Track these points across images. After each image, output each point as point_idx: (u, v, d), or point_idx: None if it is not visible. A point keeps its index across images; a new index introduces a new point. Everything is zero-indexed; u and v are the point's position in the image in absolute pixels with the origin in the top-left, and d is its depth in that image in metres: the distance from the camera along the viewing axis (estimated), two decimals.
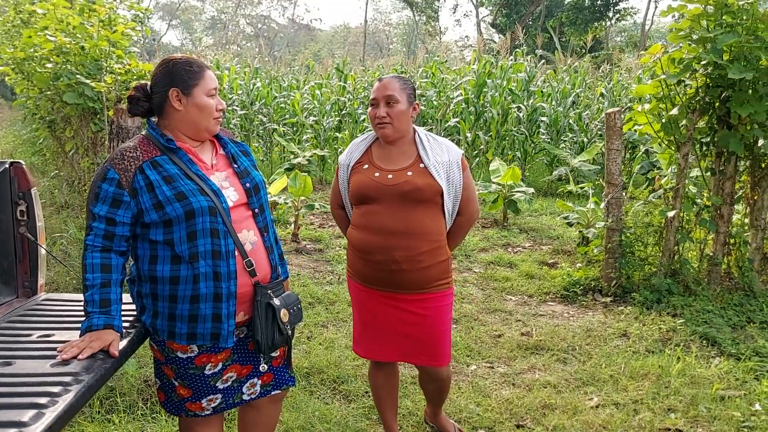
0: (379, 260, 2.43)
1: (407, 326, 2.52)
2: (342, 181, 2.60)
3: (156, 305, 1.95)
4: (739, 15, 4.29)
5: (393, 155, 2.50)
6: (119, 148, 1.94)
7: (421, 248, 2.41)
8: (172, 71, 1.96)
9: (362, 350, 2.66)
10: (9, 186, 2.39)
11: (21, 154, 10.94)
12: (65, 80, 5.24)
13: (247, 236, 2.02)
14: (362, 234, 2.48)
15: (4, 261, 2.44)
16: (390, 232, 2.40)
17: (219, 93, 2.07)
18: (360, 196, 2.48)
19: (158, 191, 1.88)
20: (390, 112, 2.43)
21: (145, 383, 3.27)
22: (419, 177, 2.41)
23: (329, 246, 6.48)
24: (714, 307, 4.42)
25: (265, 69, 13.20)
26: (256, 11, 55.06)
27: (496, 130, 10.37)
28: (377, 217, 2.43)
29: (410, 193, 2.39)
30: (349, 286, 2.68)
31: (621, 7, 27.91)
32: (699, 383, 3.45)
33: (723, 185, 4.69)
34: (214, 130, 2.05)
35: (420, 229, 2.40)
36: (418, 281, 2.45)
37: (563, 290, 5.11)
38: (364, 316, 2.61)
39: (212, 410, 2.08)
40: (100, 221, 1.90)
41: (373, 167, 2.48)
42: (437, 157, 2.46)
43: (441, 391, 2.79)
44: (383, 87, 2.44)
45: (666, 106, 4.70)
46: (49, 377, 1.65)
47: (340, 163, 2.61)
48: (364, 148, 2.58)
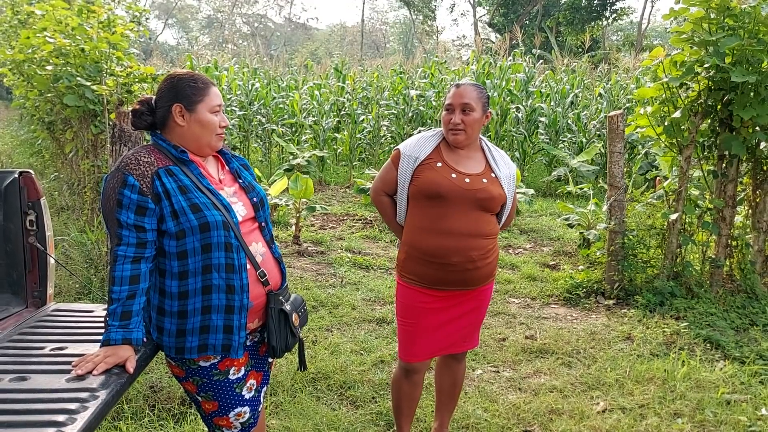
0: (455, 262, 2.46)
1: (467, 317, 2.62)
2: (404, 172, 2.52)
3: (162, 321, 1.94)
4: (742, 18, 4.29)
5: (463, 159, 2.53)
6: (131, 153, 1.92)
7: (488, 246, 2.52)
8: (176, 86, 1.96)
9: (415, 354, 2.62)
10: (18, 196, 2.38)
11: (19, 156, 10.89)
12: (65, 82, 5.21)
13: (257, 248, 2.04)
14: (433, 237, 2.46)
15: (14, 271, 2.43)
16: (465, 233, 2.46)
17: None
18: (432, 194, 2.45)
19: (174, 200, 1.87)
20: (465, 119, 2.45)
21: (151, 389, 3.26)
22: (493, 186, 2.49)
23: (330, 248, 6.48)
24: (717, 310, 4.43)
25: (264, 69, 13.17)
26: (253, 10, 54.99)
27: (494, 130, 10.38)
28: (450, 220, 2.44)
29: (485, 200, 2.46)
30: (402, 293, 2.62)
31: (618, 7, 27.96)
32: (704, 387, 3.46)
33: (725, 188, 4.70)
34: (217, 146, 2.05)
35: (485, 230, 2.50)
36: (485, 275, 2.56)
37: (566, 293, 5.12)
38: (422, 320, 2.57)
39: (240, 427, 2.07)
40: (129, 229, 1.86)
41: (448, 167, 2.48)
42: (505, 170, 2.56)
43: (456, 387, 2.85)
44: (460, 94, 2.46)
45: (668, 108, 4.71)
46: (65, 393, 1.64)
47: (404, 154, 2.53)
48: (434, 144, 2.55)
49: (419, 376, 2.74)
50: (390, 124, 11.43)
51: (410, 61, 14.40)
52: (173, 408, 3.11)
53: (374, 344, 4.00)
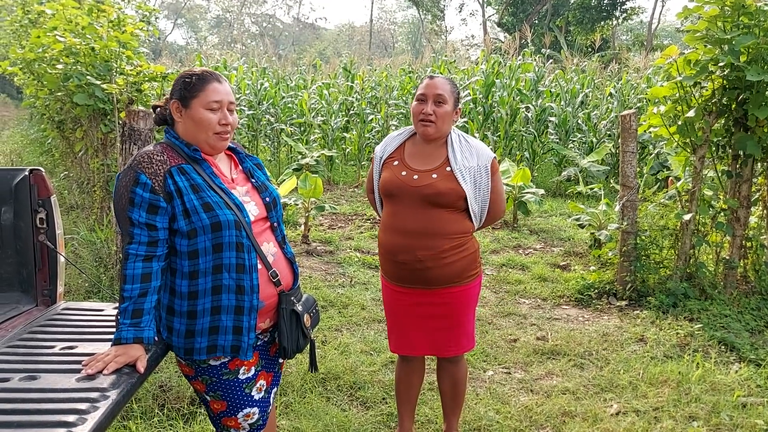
0: (404, 260, 2.46)
1: (437, 320, 2.55)
2: (375, 171, 2.66)
3: (171, 321, 1.92)
4: (757, 16, 4.24)
5: (424, 155, 2.51)
6: (143, 151, 1.90)
7: (443, 246, 2.43)
8: (177, 82, 1.98)
9: (394, 346, 2.70)
10: (29, 193, 2.37)
11: (29, 154, 10.94)
12: (75, 81, 5.21)
13: (269, 248, 2.03)
14: (387, 235, 2.53)
15: (24, 269, 2.42)
16: (412, 232, 2.44)
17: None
18: (386, 192, 2.53)
19: (186, 198, 1.86)
20: (437, 111, 2.43)
21: (161, 388, 3.25)
22: (443, 181, 2.42)
23: (339, 248, 6.45)
24: (731, 312, 4.37)
25: (273, 69, 13.18)
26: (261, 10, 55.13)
27: (504, 130, 10.33)
28: (400, 217, 2.48)
29: (431, 196, 2.41)
30: (382, 286, 2.72)
31: (628, 6, 27.81)
32: (719, 390, 3.41)
33: (739, 188, 4.64)
34: (218, 145, 1.98)
35: (441, 229, 2.43)
36: (444, 277, 2.47)
37: (577, 293, 5.07)
38: (395, 314, 2.64)
39: (249, 428, 2.05)
40: (140, 228, 1.85)
41: (402, 165, 2.51)
42: (465, 162, 2.46)
43: (457, 388, 2.77)
44: (434, 85, 2.44)
45: (682, 108, 4.66)
46: (75, 393, 1.62)
47: (375, 154, 2.66)
48: (399, 143, 2.61)
49: (412, 365, 2.77)
50: (399, 124, 11.39)
51: (419, 61, 14.36)
52: (182, 408, 3.09)
53: (384, 344, 3.96)
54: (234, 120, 1.99)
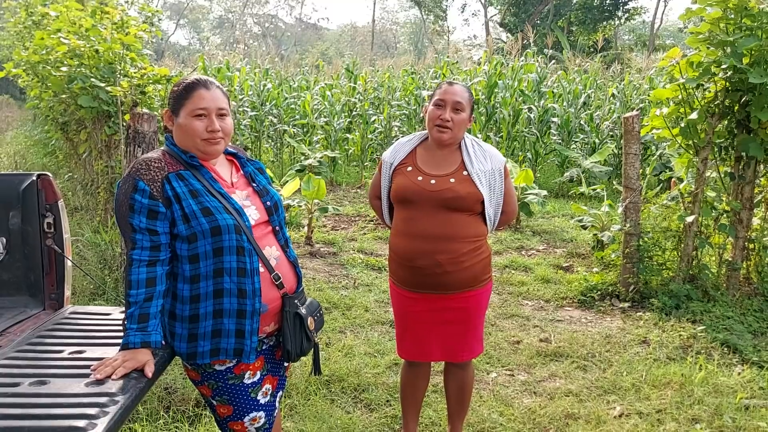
0: (422, 265, 2.46)
1: (451, 325, 2.56)
2: (384, 178, 2.64)
3: (173, 326, 1.94)
4: (760, 18, 4.24)
5: (438, 160, 2.52)
6: (141, 158, 1.94)
7: (462, 249, 2.45)
8: (170, 91, 2.02)
9: (405, 353, 2.69)
10: (36, 198, 2.39)
11: (33, 156, 10.97)
12: (79, 83, 5.23)
13: (271, 252, 2.05)
14: (404, 241, 2.52)
15: (32, 273, 2.44)
16: (431, 236, 2.44)
17: (230, 94, 2.05)
18: (401, 198, 2.52)
19: (185, 203, 1.89)
20: (454, 118, 2.45)
21: (166, 391, 3.27)
22: (461, 185, 2.44)
23: (343, 249, 6.47)
24: (734, 313, 4.38)
25: (275, 70, 13.19)
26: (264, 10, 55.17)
27: (507, 131, 10.34)
28: (418, 222, 2.47)
29: (451, 200, 2.43)
30: (391, 292, 2.71)
31: (630, 7, 27.78)
32: (722, 392, 3.42)
33: (742, 190, 4.65)
34: (209, 150, 1.97)
35: (459, 232, 2.45)
36: (462, 281, 2.49)
37: (580, 295, 5.08)
38: (407, 320, 2.62)
39: (255, 431, 2.06)
40: (142, 233, 1.88)
41: (417, 170, 2.51)
42: (480, 165, 2.49)
43: (464, 392, 2.78)
44: (453, 92, 2.46)
45: (684, 110, 4.66)
46: (84, 398, 1.64)
47: (384, 160, 2.65)
48: (410, 149, 2.61)
49: (419, 370, 2.77)
50: (401, 125, 11.41)
51: (421, 62, 14.36)
52: (188, 410, 3.11)
53: (388, 346, 3.98)
54: (226, 125, 1.97)
